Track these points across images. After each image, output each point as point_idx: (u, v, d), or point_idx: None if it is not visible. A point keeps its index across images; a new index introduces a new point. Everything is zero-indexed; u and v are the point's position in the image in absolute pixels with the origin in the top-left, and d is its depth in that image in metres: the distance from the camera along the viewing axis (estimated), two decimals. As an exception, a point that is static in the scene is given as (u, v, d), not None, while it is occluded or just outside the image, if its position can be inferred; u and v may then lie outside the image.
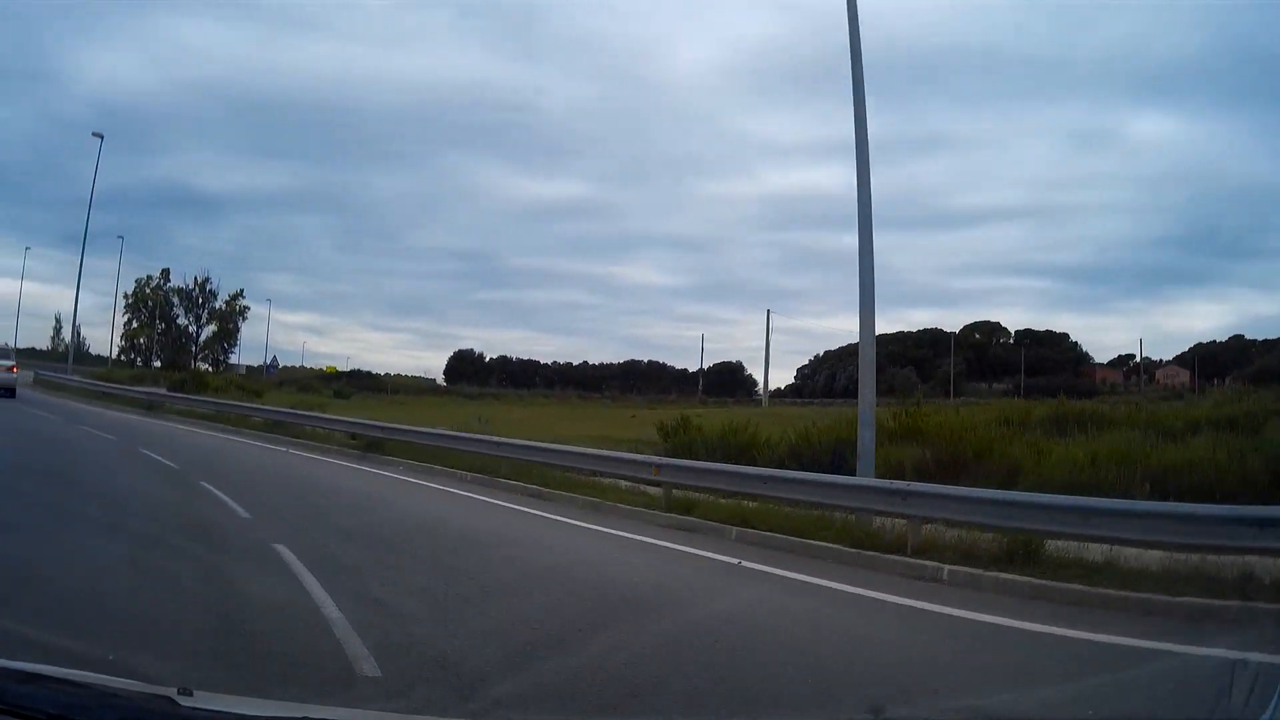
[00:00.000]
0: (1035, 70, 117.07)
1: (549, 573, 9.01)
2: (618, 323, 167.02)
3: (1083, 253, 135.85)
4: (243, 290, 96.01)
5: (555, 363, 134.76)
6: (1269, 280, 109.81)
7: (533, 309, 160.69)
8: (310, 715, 2.56)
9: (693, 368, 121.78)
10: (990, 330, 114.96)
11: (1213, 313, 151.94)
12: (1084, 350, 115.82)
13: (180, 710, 2.25)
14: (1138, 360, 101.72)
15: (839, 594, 8.60)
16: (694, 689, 5.39)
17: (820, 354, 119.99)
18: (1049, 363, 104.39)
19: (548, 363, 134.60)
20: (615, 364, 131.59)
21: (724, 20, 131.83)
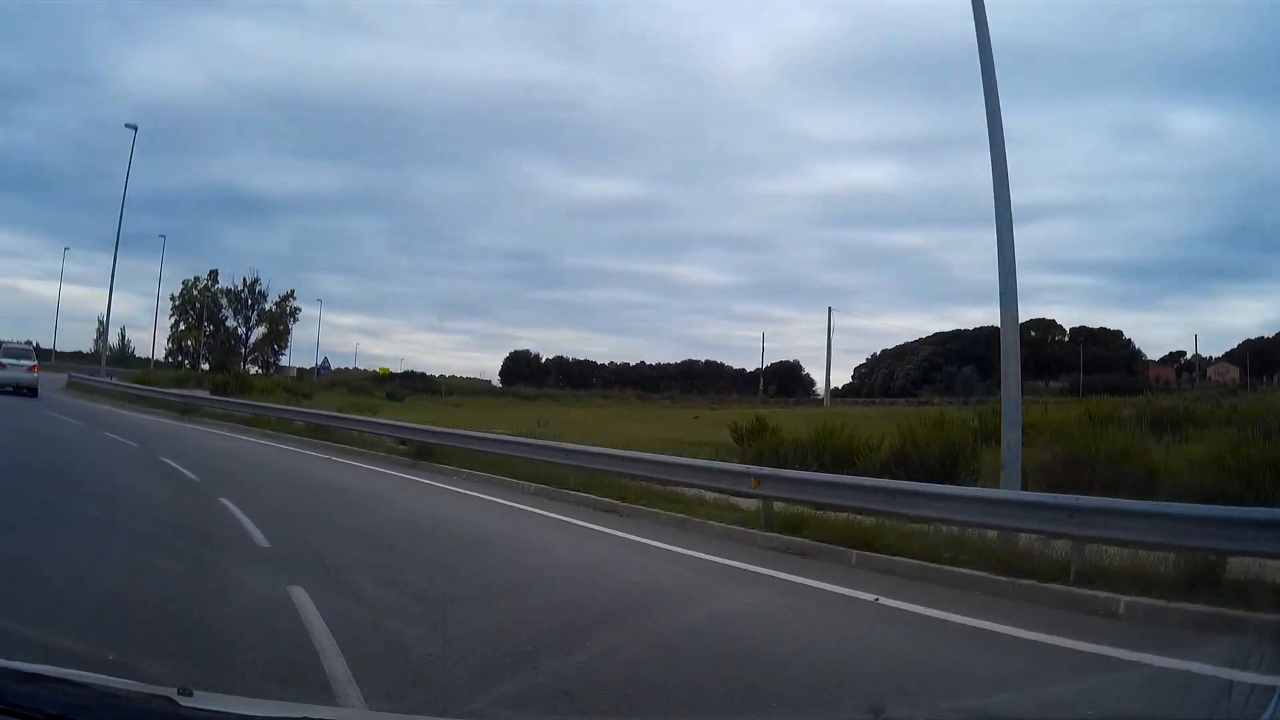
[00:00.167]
0: (1080, 65, 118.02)
1: (668, 628, 6.76)
2: (673, 322, 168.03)
3: (1130, 249, 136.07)
4: (293, 291, 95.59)
5: (612, 363, 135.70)
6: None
7: (587, 309, 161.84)
8: (310, 715, 2.57)
9: (750, 367, 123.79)
10: (1046, 328, 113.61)
11: (1259, 308, 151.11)
12: (1136, 347, 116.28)
13: (180, 710, 2.21)
14: (1189, 357, 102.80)
15: (1017, 643, 6.75)
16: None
17: (877, 353, 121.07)
18: (1103, 360, 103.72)
19: (604, 363, 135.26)
20: (672, 364, 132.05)
21: (774, 18, 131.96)
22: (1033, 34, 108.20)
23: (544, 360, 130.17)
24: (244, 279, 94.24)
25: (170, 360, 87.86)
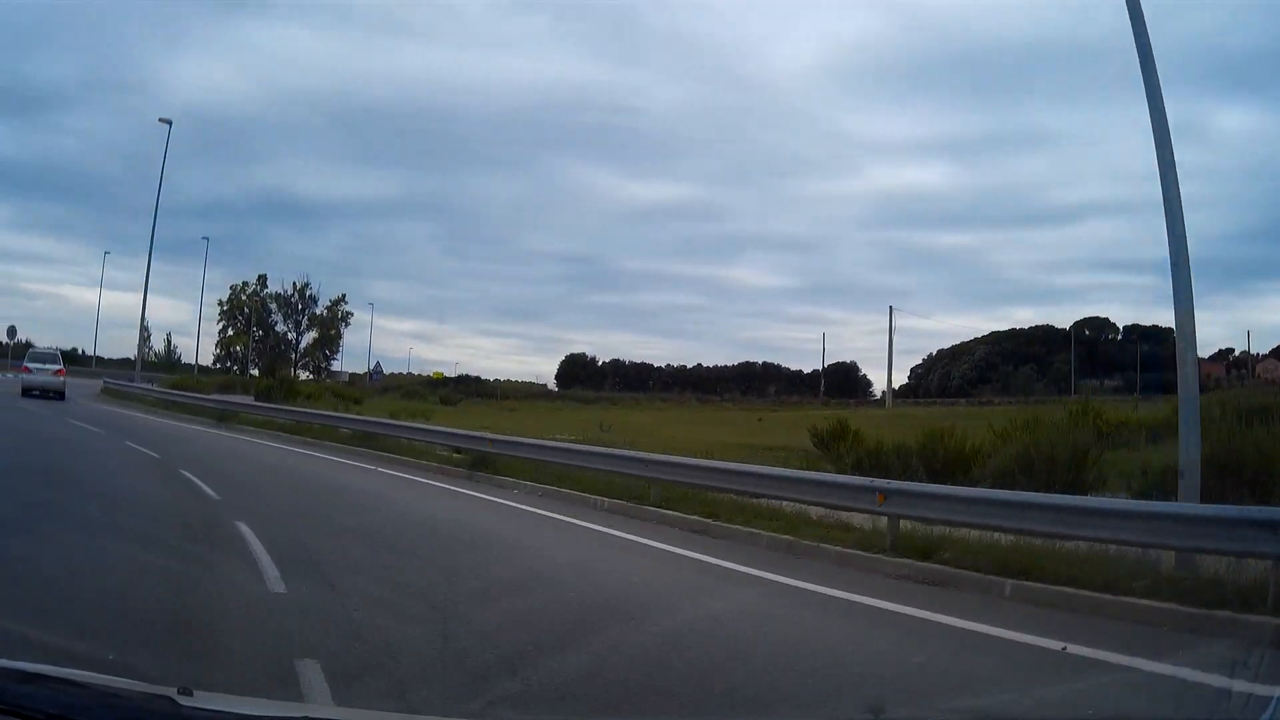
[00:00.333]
0: (1122, 63, 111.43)
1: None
2: (728, 324, 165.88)
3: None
4: (345, 296, 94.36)
5: (669, 365, 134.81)
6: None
7: (641, 312, 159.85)
8: (310, 715, 2.51)
9: (806, 369, 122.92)
10: (1099, 326, 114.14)
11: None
12: None
13: (180, 710, 2.11)
14: (1238, 354, 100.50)
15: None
16: None
17: (933, 353, 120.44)
18: (1155, 358, 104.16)
19: (661, 365, 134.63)
20: (729, 366, 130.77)
21: (821, 19, 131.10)
22: (1075, 33, 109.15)
23: (600, 363, 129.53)
24: (294, 283, 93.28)
25: (219, 366, 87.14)
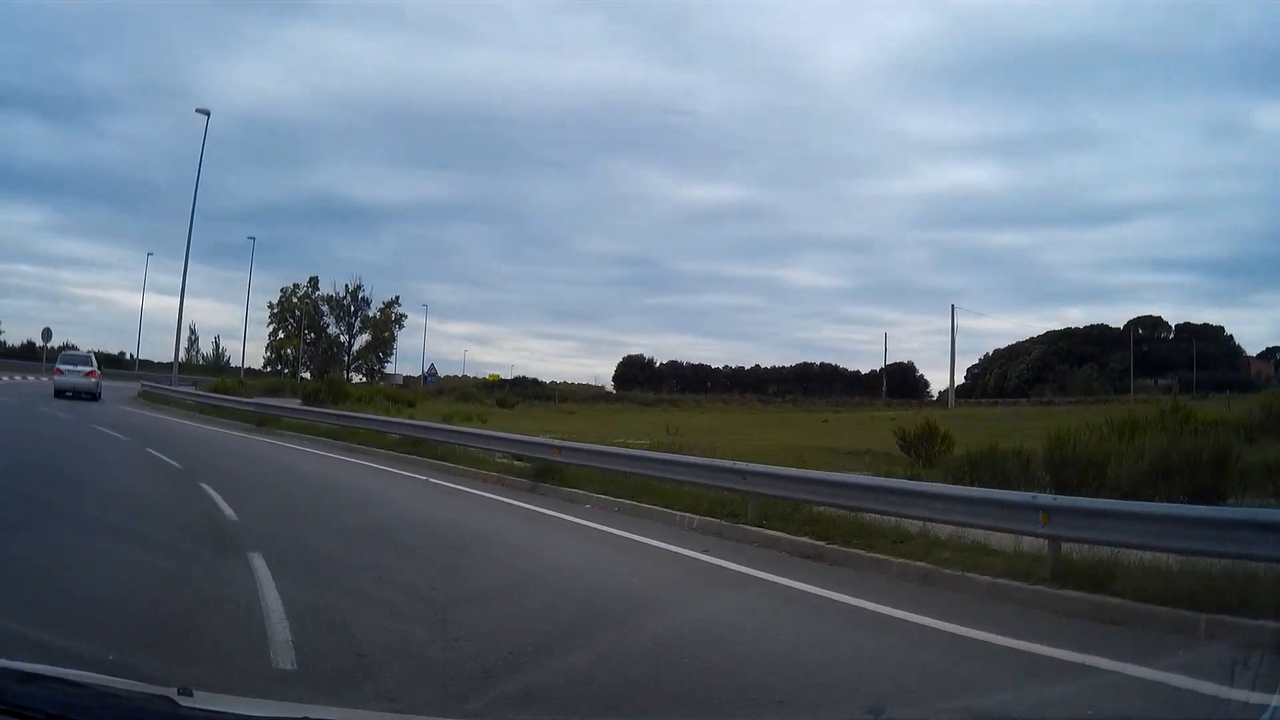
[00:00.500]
0: (1167, 62, 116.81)
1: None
2: (783, 325, 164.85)
3: (1220, 245, 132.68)
4: (398, 298, 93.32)
5: (726, 367, 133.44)
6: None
7: (696, 313, 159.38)
8: (310, 715, 2.49)
9: (864, 369, 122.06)
10: (1152, 325, 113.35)
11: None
12: (1237, 343, 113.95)
13: (180, 710, 2.14)
14: None
15: None
16: None
17: (989, 353, 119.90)
18: (1206, 357, 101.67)
19: (719, 367, 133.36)
20: (787, 367, 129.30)
21: (872, 20, 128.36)
22: (1119, 34, 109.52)
23: (657, 365, 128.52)
24: (346, 285, 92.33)
25: (269, 369, 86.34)
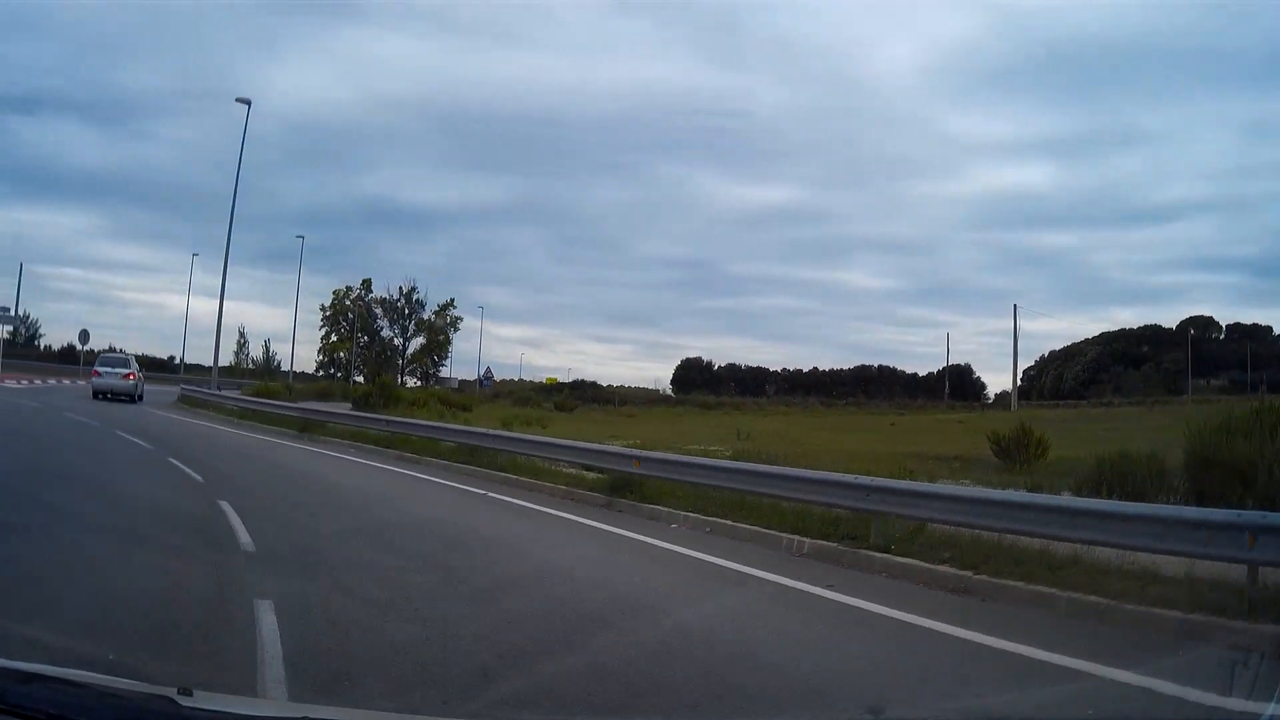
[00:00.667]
0: (1209, 60, 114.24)
1: None
2: (839, 327, 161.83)
3: (1264, 245, 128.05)
4: (453, 300, 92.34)
5: (785, 369, 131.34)
6: None
7: (752, 316, 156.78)
8: (310, 715, 2.47)
9: (921, 371, 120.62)
10: (1203, 325, 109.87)
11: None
12: None
13: (180, 710, 2.11)
14: None
15: None
16: None
17: (1045, 354, 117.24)
18: (1257, 357, 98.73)
19: (777, 369, 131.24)
20: (845, 369, 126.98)
21: (922, 20, 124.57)
22: (1163, 33, 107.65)
23: (716, 368, 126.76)
24: (400, 288, 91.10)
25: (321, 373, 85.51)
